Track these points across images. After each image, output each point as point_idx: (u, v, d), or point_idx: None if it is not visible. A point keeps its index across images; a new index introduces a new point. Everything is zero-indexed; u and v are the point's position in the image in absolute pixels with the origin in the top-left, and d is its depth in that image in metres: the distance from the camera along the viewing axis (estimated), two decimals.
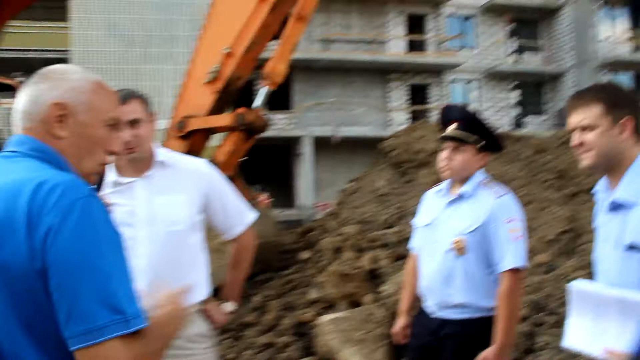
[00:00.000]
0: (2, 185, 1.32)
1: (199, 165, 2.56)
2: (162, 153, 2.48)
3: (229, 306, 2.61)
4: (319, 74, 24.32)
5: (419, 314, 2.89)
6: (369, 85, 25.07)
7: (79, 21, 20.82)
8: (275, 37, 7.50)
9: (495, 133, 2.80)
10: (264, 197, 17.08)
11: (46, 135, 1.44)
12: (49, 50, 19.93)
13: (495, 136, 2.79)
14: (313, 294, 5.22)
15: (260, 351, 4.70)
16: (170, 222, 2.36)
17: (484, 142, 2.72)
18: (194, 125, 7.19)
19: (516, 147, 7.89)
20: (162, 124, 7.76)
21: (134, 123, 2.33)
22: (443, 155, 2.76)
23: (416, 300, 2.99)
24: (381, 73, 25.14)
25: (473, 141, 2.69)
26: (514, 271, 2.57)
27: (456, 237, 2.65)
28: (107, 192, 2.39)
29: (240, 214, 2.61)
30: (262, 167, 24.54)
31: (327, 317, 4.26)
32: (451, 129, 2.72)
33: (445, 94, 25.90)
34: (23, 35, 19.64)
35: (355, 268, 4.99)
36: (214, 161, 7.10)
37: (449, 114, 2.83)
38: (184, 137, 7.27)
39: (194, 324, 2.39)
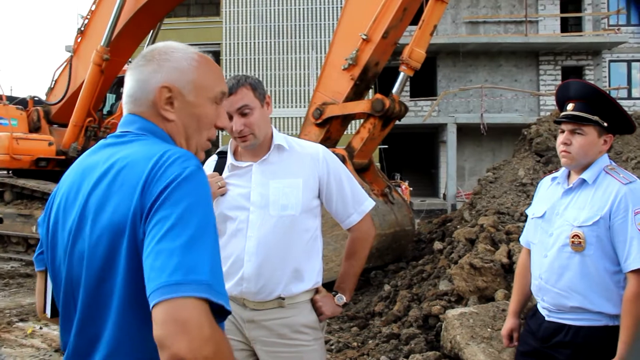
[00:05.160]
0: (122, 158, 1.34)
1: (316, 149, 2.45)
2: (279, 137, 2.43)
3: (340, 299, 2.47)
4: (465, 58, 23.58)
5: (532, 315, 2.59)
6: (518, 69, 23.89)
7: (229, 15, 21.88)
8: (414, 21, 7.34)
9: (622, 113, 2.40)
10: (404, 186, 16.98)
11: (156, 117, 1.45)
12: (204, 44, 21.11)
13: (621, 116, 2.40)
14: (442, 286, 5.05)
15: (385, 341, 4.62)
16: (282, 207, 2.31)
17: (606, 124, 2.37)
18: (331, 112, 7.22)
19: None
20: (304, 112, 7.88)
21: (244, 111, 2.30)
22: (561, 139, 2.44)
23: (528, 300, 2.73)
24: (532, 55, 23.80)
25: (594, 122, 2.36)
26: None
27: (574, 230, 2.33)
28: (224, 176, 2.43)
29: (357, 202, 2.47)
30: (406, 155, 24.38)
31: (454, 312, 4.07)
32: (569, 108, 2.41)
33: (604, 76, 23.95)
34: (180, 31, 21.10)
35: (488, 261, 4.73)
36: (349, 148, 7.12)
37: (567, 92, 2.48)
38: (322, 124, 7.33)
39: (300, 314, 2.34)
